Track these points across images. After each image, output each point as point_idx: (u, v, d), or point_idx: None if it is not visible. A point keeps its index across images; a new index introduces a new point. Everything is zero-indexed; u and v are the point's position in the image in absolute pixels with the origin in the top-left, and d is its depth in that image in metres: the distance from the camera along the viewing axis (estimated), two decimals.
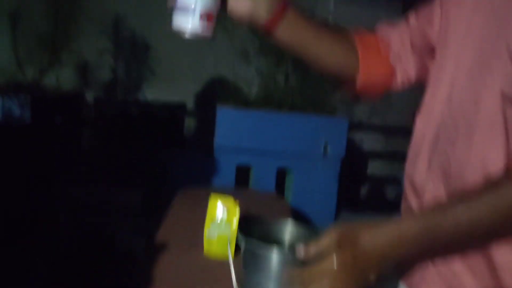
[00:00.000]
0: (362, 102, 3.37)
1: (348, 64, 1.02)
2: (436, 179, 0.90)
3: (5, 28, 2.43)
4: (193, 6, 0.84)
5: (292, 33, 0.95)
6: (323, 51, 1.00)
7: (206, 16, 0.84)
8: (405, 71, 1.05)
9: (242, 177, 3.26)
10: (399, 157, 4.22)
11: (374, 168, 4.07)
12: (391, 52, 1.04)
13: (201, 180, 3.02)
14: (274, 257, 0.98)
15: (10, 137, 2.42)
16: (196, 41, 3.74)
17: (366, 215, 3.40)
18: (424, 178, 0.93)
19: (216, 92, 3.78)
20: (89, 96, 3.95)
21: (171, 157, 3.17)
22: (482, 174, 0.82)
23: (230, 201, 1.45)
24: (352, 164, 3.62)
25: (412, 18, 1.06)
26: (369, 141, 4.10)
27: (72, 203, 2.74)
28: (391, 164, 3.98)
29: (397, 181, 3.73)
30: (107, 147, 2.85)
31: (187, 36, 0.89)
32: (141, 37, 4.22)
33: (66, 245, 2.57)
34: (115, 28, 4.09)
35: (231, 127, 3.01)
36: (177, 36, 0.93)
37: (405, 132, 3.83)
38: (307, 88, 3.27)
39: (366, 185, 3.99)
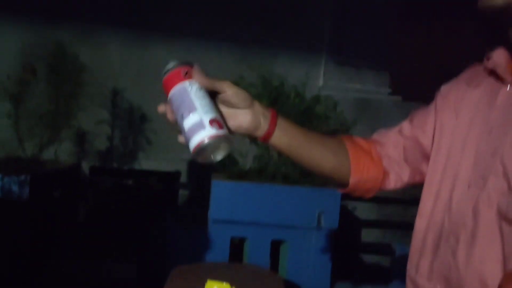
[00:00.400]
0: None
1: (339, 167, 1.08)
2: (439, 285, 0.95)
3: (8, 109, 2.52)
4: (199, 119, 0.87)
5: (285, 140, 1.02)
6: (314, 155, 1.05)
7: (215, 122, 0.88)
8: (398, 175, 1.11)
9: (236, 247, 3.27)
10: (392, 225, 4.26)
11: (368, 236, 4.09)
12: (384, 158, 1.11)
13: (196, 252, 3.02)
14: None
15: (7, 213, 2.44)
16: None
17: (361, 285, 3.38)
18: (426, 283, 0.98)
19: (211, 163, 3.85)
20: (85, 166, 4.01)
21: (165, 230, 3.18)
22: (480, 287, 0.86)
23: (227, 286, 1.48)
24: (346, 233, 3.63)
25: (406, 127, 1.13)
26: (362, 210, 4.14)
27: (68, 278, 2.72)
28: (385, 233, 4.00)
29: (391, 250, 3.73)
30: (102, 219, 2.87)
31: (209, 148, 0.88)
32: (138, 108, 4.35)
33: None
34: (113, 100, 4.23)
35: (226, 200, 3.05)
36: None
37: (397, 201, 3.88)
38: None
39: (360, 254, 3.98)
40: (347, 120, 3.77)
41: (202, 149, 0.87)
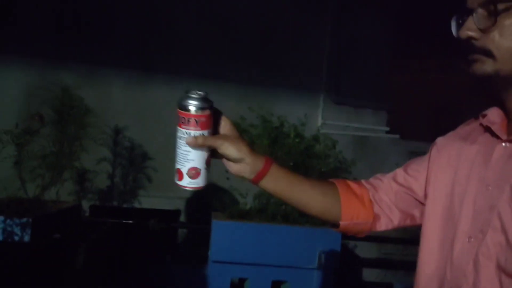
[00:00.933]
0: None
1: (329, 210, 1.13)
2: None
3: (11, 152, 2.56)
4: (178, 167, 1.03)
5: (275, 185, 1.08)
6: (305, 199, 1.11)
7: (191, 171, 1.01)
8: (389, 219, 1.15)
9: (236, 284, 3.25)
10: (393, 265, 4.23)
11: (369, 275, 4.06)
12: (376, 203, 1.15)
13: None
14: None
15: (9, 256, 2.44)
16: None
17: None
18: None
19: (210, 199, 3.87)
20: (86, 204, 4.02)
21: (165, 269, 3.17)
22: None
23: None
24: (347, 272, 3.62)
25: (401, 174, 1.16)
26: (362, 249, 4.13)
27: None
28: (386, 272, 3.98)
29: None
30: (102, 260, 2.86)
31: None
32: (140, 146, 4.40)
33: None
34: (115, 139, 4.28)
35: (226, 240, 3.05)
36: (173, 144, 1.05)
37: (397, 241, 3.88)
38: None
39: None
40: (346, 159, 3.81)
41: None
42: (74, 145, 2.82)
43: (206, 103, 0.98)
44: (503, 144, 0.94)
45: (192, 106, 0.97)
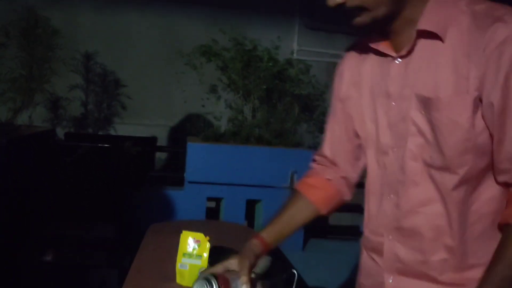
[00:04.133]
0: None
1: (313, 216, 1.25)
2: (391, 236, 1.10)
3: None
4: None
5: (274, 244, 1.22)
6: (294, 230, 1.25)
7: None
8: (350, 184, 1.24)
9: (213, 208, 3.37)
10: (365, 186, 4.38)
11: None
12: (332, 182, 1.23)
13: (173, 212, 3.11)
14: None
15: None
16: (166, 77, 3.93)
17: (333, 241, 3.53)
18: (378, 237, 1.13)
19: (186, 126, 3.90)
20: (60, 132, 4.01)
21: (142, 191, 3.25)
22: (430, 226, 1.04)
23: (201, 236, 1.56)
24: None
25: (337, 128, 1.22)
26: None
27: (47, 237, 2.77)
28: (358, 193, 4.14)
29: (361, 209, 3.89)
30: (79, 183, 2.91)
31: None
32: (112, 73, 4.34)
33: (42, 278, 2.60)
34: (86, 65, 4.20)
35: (201, 162, 3.12)
36: (147, 72, 1.06)
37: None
38: (273, 122, 3.42)
39: (333, 214, 4.13)
40: (320, 84, 3.85)
41: None
42: (43, 67, 2.77)
43: None
44: (396, 61, 1.01)
45: None
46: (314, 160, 1.29)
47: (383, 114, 1.05)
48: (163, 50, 4.34)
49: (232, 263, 1.11)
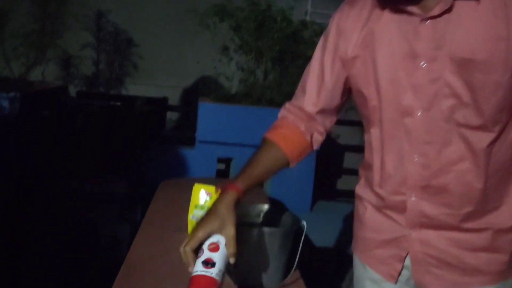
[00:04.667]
0: None
1: (283, 166, 1.21)
2: (414, 194, 1.10)
3: None
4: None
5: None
6: (269, 177, 1.22)
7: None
8: (320, 139, 1.24)
9: (222, 170, 3.39)
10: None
11: (350, 161, 4.24)
12: (305, 138, 1.21)
13: (184, 171, 3.14)
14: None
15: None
16: (178, 37, 3.89)
17: (341, 203, 3.56)
18: (396, 196, 1.13)
19: (197, 87, 3.90)
20: (72, 91, 4.03)
21: (153, 149, 3.28)
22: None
23: (212, 189, 1.58)
24: (329, 157, 3.77)
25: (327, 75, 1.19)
26: (345, 136, 4.27)
27: (59, 193, 2.83)
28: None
29: None
30: (91, 139, 2.94)
31: None
32: (124, 32, 4.31)
33: (55, 232, 2.67)
34: (98, 23, 4.17)
35: (212, 122, 3.13)
36: (159, 32, 1.03)
37: None
38: (285, 84, 3.40)
39: (342, 177, 4.16)
40: None
41: None
42: (56, 23, 2.76)
43: None
44: (426, 21, 0.97)
45: None
46: (286, 109, 1.27)
47: (405, 75, 1.02)
48: (176, 10, 4.28)
49: (215, 230, 1.03)
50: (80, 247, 2.64)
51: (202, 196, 1.59)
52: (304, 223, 1.31)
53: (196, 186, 1.59)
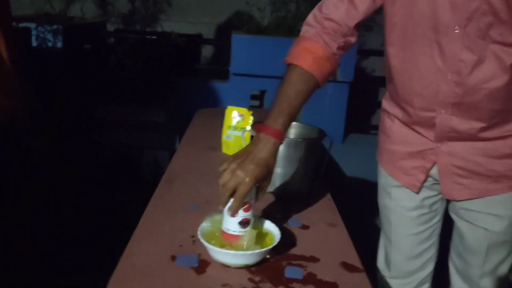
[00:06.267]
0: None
1: (314, 90, 1.17)
2: (443, 110, 1.15)
3: None
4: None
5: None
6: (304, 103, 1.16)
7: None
8: (342, 53, 1.21)
9: (256, 106, 3.46)
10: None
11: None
12: (332, 56, 1.18)
13: (218, 103, 3.24)
14: None
15: (44, 61, 2.62)
16: None
17: (373, 136, 3.60)
18: (427, 112, 1.18)
19: (230, 23, 3.90)
20: (110, 28, 4.11)
21: (188, 81, 3.37)
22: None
23: (244, 110, 1.68)
24: (363, 91, 3.77)
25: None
26: (380, 68, 4.22)
27: (102, 121, 2.97)
28: None
29: None
30: (130, 70, 3.01)
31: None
32: None
33: (102, 157, 2.84)
34: None
35: (245, 54, 3.16)
36: None
37: None
38: None
39: (376, 112, 4.16)
40: None
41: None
42: None
43: None
44: None
45: None
46: (315, 20, 1.23)
47: None
48: None
49: (260, 179, 1.01)
50: (124, 172, 2.81)
51: (235, 117, 1.69)
52: (331, 138, 1.39)
53: (229, 108, 1.69)
